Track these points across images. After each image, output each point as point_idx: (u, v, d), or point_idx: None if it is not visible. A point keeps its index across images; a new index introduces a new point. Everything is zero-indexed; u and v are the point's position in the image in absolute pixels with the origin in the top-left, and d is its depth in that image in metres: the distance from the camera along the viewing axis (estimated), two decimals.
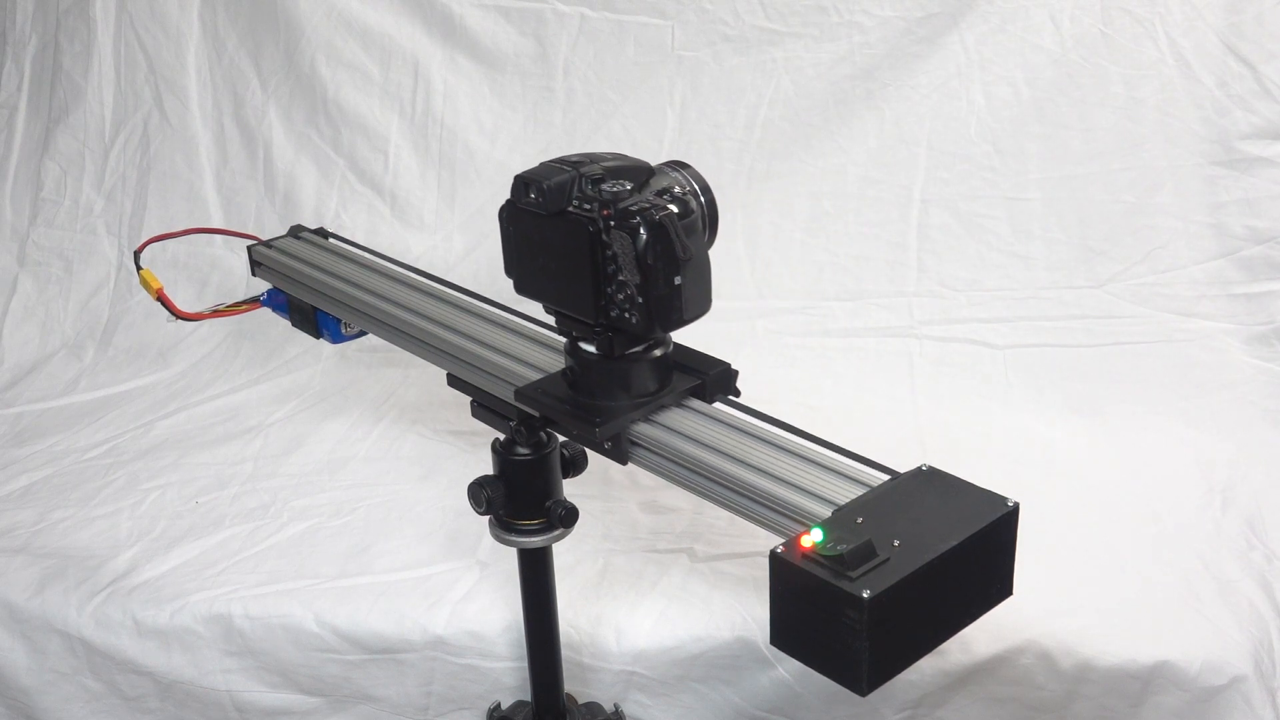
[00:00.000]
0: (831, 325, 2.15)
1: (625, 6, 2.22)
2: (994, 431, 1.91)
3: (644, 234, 0.90)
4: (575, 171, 0.96)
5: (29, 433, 2.08)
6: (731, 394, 1.04)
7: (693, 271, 0.93)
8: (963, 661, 1.44)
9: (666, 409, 1.00)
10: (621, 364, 0.99)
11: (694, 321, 0.97)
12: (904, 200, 2.15)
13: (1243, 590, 1.52)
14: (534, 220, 0.97)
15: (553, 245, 0.97)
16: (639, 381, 0.99)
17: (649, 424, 0.99)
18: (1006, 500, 0.82)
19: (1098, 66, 2.03)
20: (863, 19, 2.12)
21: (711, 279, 0.97)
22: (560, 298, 1.00)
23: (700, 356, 1.05)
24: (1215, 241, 2.02)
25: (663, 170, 1.00)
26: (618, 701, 1.49)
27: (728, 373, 1.04)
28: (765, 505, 0.90)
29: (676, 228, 0.91)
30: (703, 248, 0.96)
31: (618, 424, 0.98)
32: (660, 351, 1.00)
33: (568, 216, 0.95)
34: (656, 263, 0.91)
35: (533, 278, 1.01)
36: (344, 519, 1.75)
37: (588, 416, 0.98)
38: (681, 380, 1.02)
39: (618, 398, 0.99)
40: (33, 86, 2.51)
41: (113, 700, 1.62)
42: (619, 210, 0.91)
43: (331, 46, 2.34)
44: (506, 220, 1.00)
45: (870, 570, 0.74)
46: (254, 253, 1.38)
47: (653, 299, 0.92)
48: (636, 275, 0.91)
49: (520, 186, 0.97)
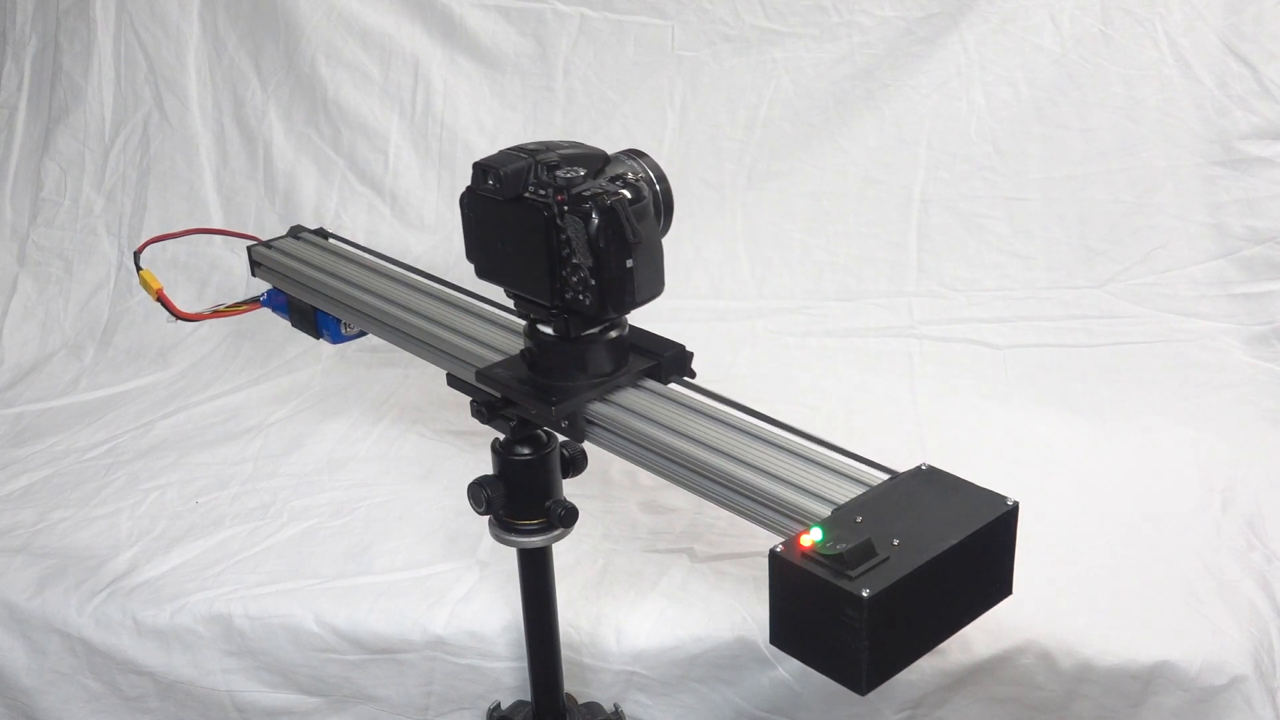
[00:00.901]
0: (831, 325, 2.15)
1: (625, 6, 2.22)
2: (994, 431, 1.91)
3: (596, 218, 0.93)
4: (532, 159, 0.99)
5: (29, 433, 2.08)
6: (687, 375, 1.07)
7: (644, 255, 0.96)
8: (963, 661, 1.44)
9: (622, 389, 1.03)
10: (578, 345, 1.02)
11: (646, 304, 0.99)
12: (904, 200, 2.15)
13: (1243, 590, 1.52)
14: (492, 206, 1.00)
15: (510, 230, 1.00)
16: (595, 362, 1.02)
17: (605, 403, 1.02)
18: (1006, 499, 0.82)
19: (1098, 66, 2.03)
20: (863, 19, 2.12)
21: (663, 263, 1.00)
22: (518, 281, 1.03)
23: (655, 338, 1.07)
24: (1215, 241, 2.02)
25: (619, 158, 1.03)
26: (618, 701, 1.49)
27: (683, 354, 1.06)
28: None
29: (627, 212, 0.94)
30: (655, 233, 0.99)
31: (574, 403, 1.01)
32: (616, 333, 1.03)
33: (524, 202, 0.98)
34: (608, 246, 0.94)
35: (492, 262, 1.04)
36: (344, 519, 1.75)
37: (545, 396, 1.01)
38: (638, 361, 1.05)
39: (575, 378, 1.02)
40: (33, 86, 2.51)
41: (113, 700, 1.62)
42: (572, 195, 0.94)
43: (331, 46, 2.34)
44: (467, 206, 1.04)
45: (870, 569, 0.74)
46: (254, 253, 1.38)
47: (605, 281, 0.95)
48: (589, 258, 0.95)
49: (479, 173, 1.00)
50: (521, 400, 1.04)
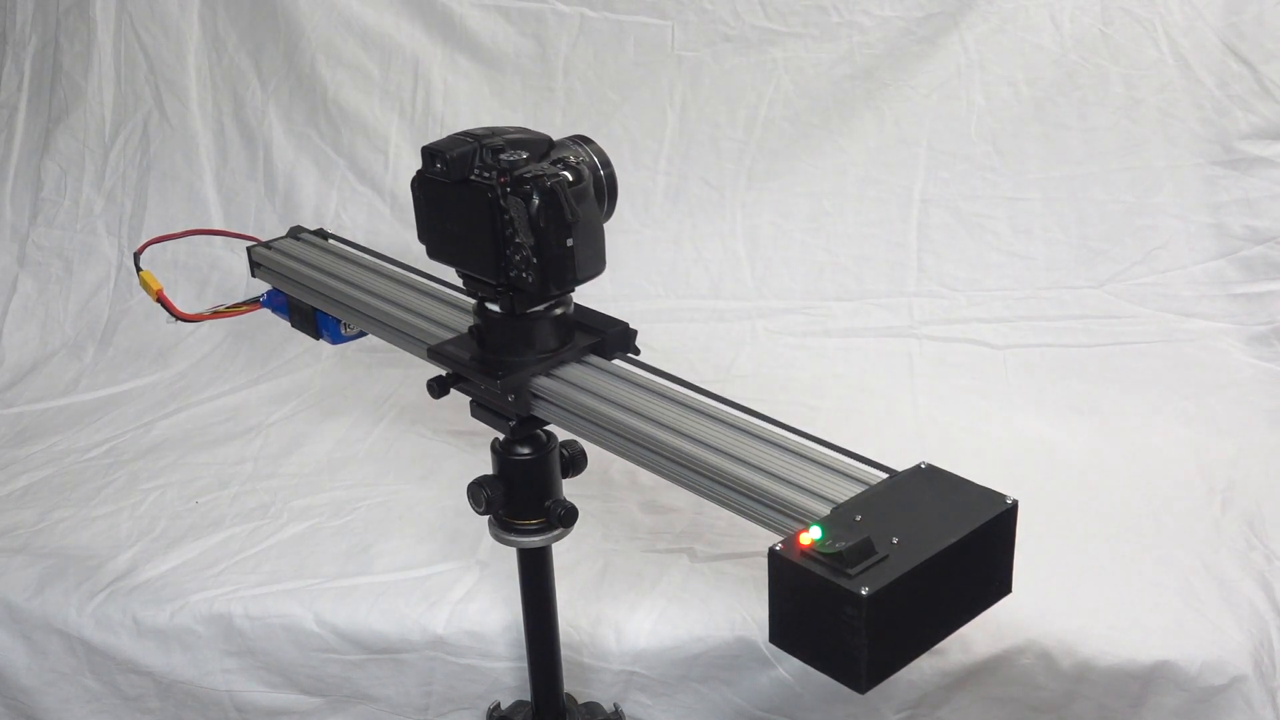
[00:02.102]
0: (831, 325, 2.15)
1: (625, 6, 2.22)
2: (994, 431, 1.91)
3: (536, 199, 0.98)
4: (477, 143, 1.03)
5: (29, 433, 2.08)
6: (631, 352, 1.11)
7: (584, 234, 1.01)
8: (963, 661, 1.44)
9: (567, 364, 1.07)
10: (523, 322, 1.06)
11: (587, 281, 1.04)
12: (904, 200, 2.15)
13: (1243, 590, 1.52)
14: (440, 188, 1.05)
15: (457, 211, 1.04)
16: (541, 338, 1.07)
17: (550, 378, 1.06)
18: (1005, 498, 0.82)
19: (1098, 66, 2.03)
20: (863, 19, 2.12)
21: (604, 243, 1.04)
22: (466, 260, 1.07)
23: (600, 316, 1.11)
24: (1215, 241, 2.02)
25: (564, 144, 1.07)
26: (618, 701, 1.49)
27: (626, 332, 1.11)
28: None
29: (566, 193, 0.98)
30: (595, 214, 1.03)
31: (520, 378, 1.05)
32: (561, 310, 1.07)
33: (470, 184, 1.02)
34: (548, 225, 0.98)
35: (442, 243, 1.08)
36: (344, 519, 1.75)
37: (492, 371, 1.05)
38: (583, 338, 1.09)
39: (521, 353, 1.07)
40: (33, 86, 2.52)
41: (113, 700, 1.62)
42: (515, 177, 0.99)
43: (331, 46, 2.34)
44: (417, 189, 1.08)
45: (869, 567, 0.74)
46: (253, 254, 1.38)
47: (546, 259, 1.00)
48: (531, 237, 0.99)
49: (428, 157, 1.04)
50: (470, 375, 1.08)
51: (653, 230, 2.27)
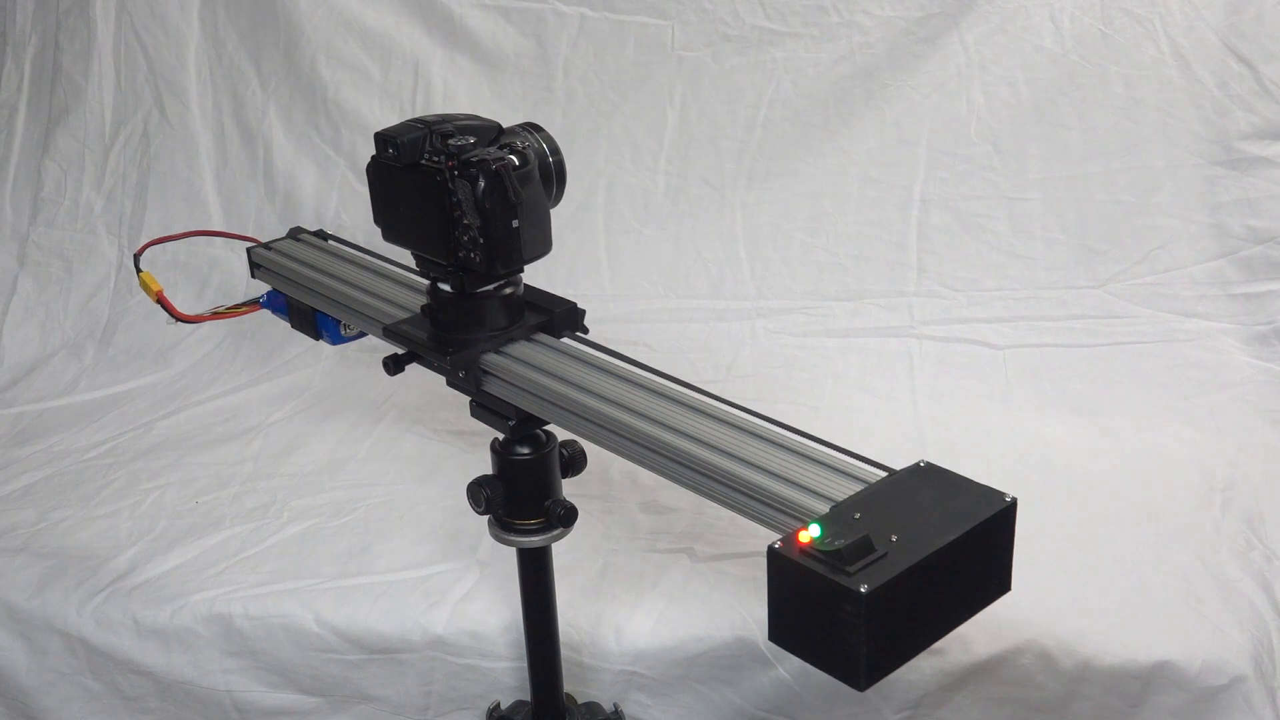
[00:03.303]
0: (831, 325, 2.15)
1: (625, 6, 2.22)
2: (994, 431, 1.91)
3: (482, 181, 1.01)
4: (428, 129, 1.06)
5: (29, 433, 2.08)
6: (580, 330, 1.14)
7: (530, 216, 1.05)
8: (963, 661, 1.44)
9: (516, 341, 1.11)
10: (473, 301, 1.09)
11: (533, 261, 1.07)
12: (904, 200, 2.15)
13: (1243, 590, 1.52)
14: (393, 173, 1.09)
15: (409, 194, 1.08)
16: (491, 317, 1.10)
17: (499, 355, 1.09)
18: (1004, 495, 0.81)
19: (1098, 66, 2.03)
20: (863, 19, 2.12)
21: (551, 226, 1.08)
22: (418, 242, 1.11)
23: (549, 296, 1.15)
24: (1215, 241, 2.02)
25: (514, 130, 1.10)
26: (617, 701, 1.49)
27: (574, 311, 1.14)
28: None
29: (510, 176, 1.02)
30: (540, 196, 1.07)
31: (469, 354, 1.09)
32: (510, 290, 1.10)
33: (420, 168, 1.06)
34: (494, 207, 1.02)
35: (396, 225, 1.12)
36: (344, 519, 1.75)
37: (443, 348, 1.09)
38: (532, 317, 1.13)
39: (472, 332, 1.10)
40: (33, 86, 2.52)
41: (113, 700, 1.62)
42: (462, 161, 1.02)
43: (331, 46, 2.34)
44: (372, 174, 1.12)
45: (868, 565, 0.74)
46: (253, 255, 1.38)
47: (492, 240, 1.03)
48: (478, 218, 1.03)
49: (381, 143, 1.08)
50: (423, 352, 1.12)
51: (653, 230, 2.27)
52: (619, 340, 1.08)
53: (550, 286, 1.12)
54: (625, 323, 2.21)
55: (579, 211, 2.28)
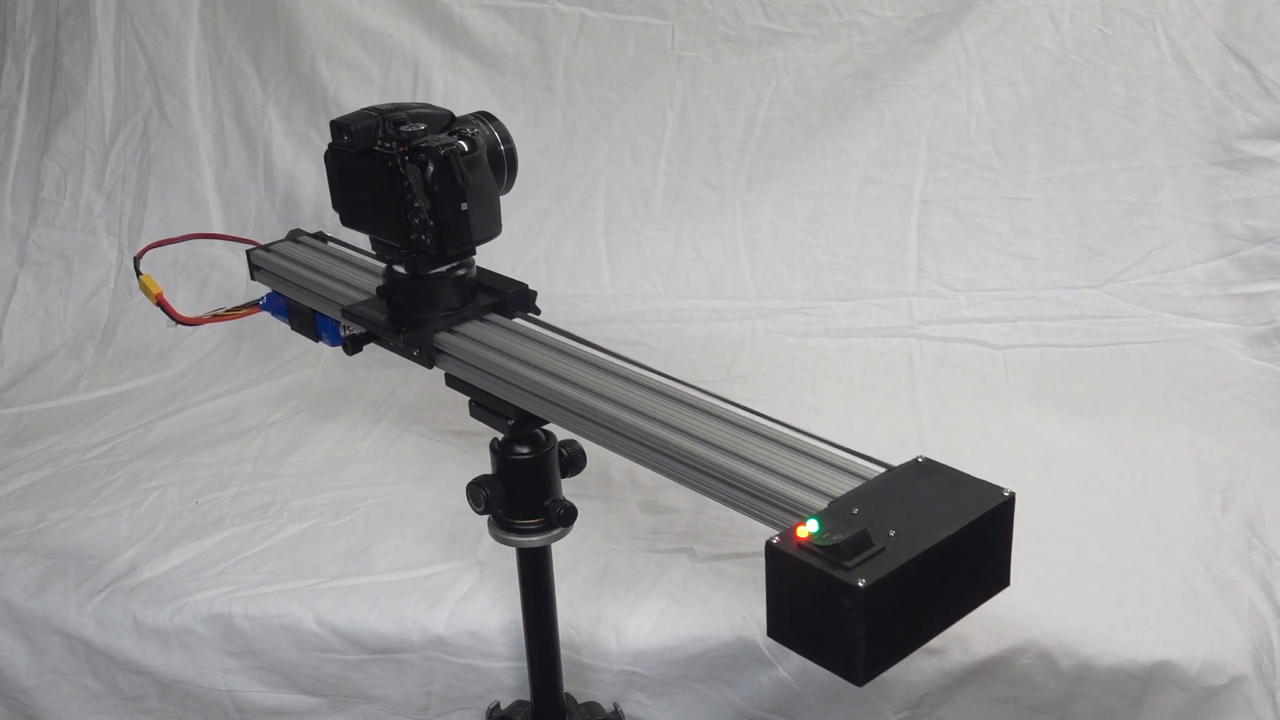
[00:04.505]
0: (831, 325, 2.15)
1: (625, 6, 2.22)
2: (994, 431, 1.91)
3: (431, 166, 1.05)
4: (381, 117, 1.10)
5: (29, 433, 2.08)
6: (532, 311, 1.17)
7: (478, 200, 1.08)
8: (963, 661, 1.43)
9: (468, 321, 1.14)
10: (427, 282, 1.13)
11: (483, 244, 1.11)
12: (904, 200, 2.15)
13: (1243, 590, 1.52)
14: (348, 159, 1.12)
15: (364, 180, 1.12)
16: (444, 297, 1.14)
17: (452, 334, 1.13)
18: (1002, 490, 0.81)
19: (1098, 66, 2.03)
20: (863, 19, 2.12)
21: (500, 209, 1.12)
22: (373, 225, 1.14)
23: (501, 279, 1.18)
24: (1215, 241, 2.02)
25: (466, 119, 1.14)
26: (617, 701, 1.49)
27: (525, 292, 1.17)
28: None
29: (458, 161, 1.05)
30: (489, 181, 1.10)
31: (423, 333, 1.12)
32: (463, 272, 1.14)
33: (374, 154, 1.10)
34: (442, 191, 1.06)
35: (352, 210, 1.16)
36: (344, 519, 1.75)
37: (397, 327, 1.13)
38: (485, 298, 1.16)
39: (426, 312, 1.14)
40: (33, 86, 2.52)
41: (113, 700, 1.62)
42: (412, 147, 1.06)
43: (331, 46, 2.34)
44: (329, 161, 1.15)
45: (866, 560, 0.74)
46: (253, 257, 1.38)
47: (442, 223, 1.07)
48: (428, 202, 1.06)
49: (336, 131, 1.12)
50: (379, 332, 1.16)
51: (653, 230, 2.27)
52: (619, 340, 1.09)
53: (551, 286, 1.13)
54: (625, 323, 2.21)
55: (579, 211, 2.28)
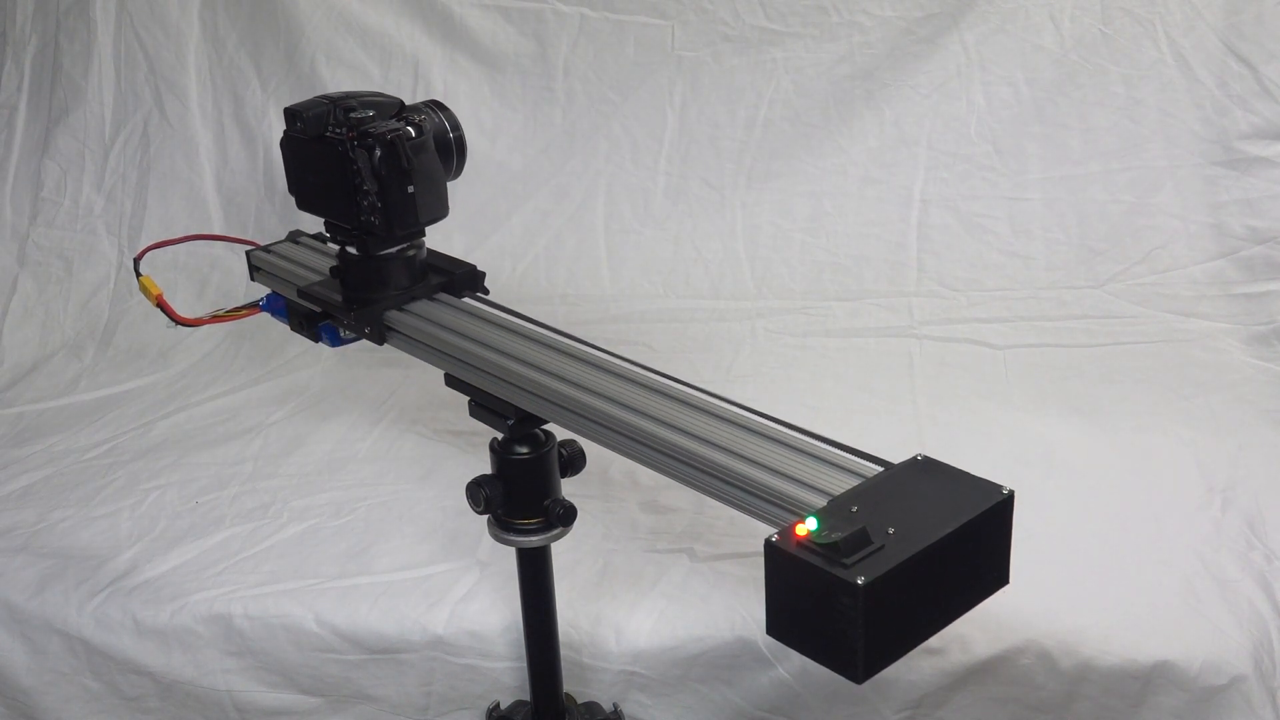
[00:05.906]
0: (831, 325, 2.15)
1: (625, 6, 2.22)
2: (994, 431, 1.91)
3: (378, 150, 1.10)
4: (332, 104, 1.15)
5: (29, 433, 2.08)
6: (481, 291, 1.21)
7: (424, 183, 1.13)
8: (963, 661, 1.43)
9: (418, 300, 1.18)
10: (377, 262, 1.17)
11: (430, 225, 1.16)
12: (904, 200, 2.15)
13: (1243, 590, 1.52)
14: (301, 145, 1.17)
15: (316, 164, 1.16)
16: (394, 277, 1.18)
17: (402, 312, 1.17)
18: (1001, 488, 0.81)
19: (1098, 66, 2.04)
20: (863, 19, 2.12)
21: (446, 192, 1.16)
22: (326, 208, 1.19)
23: (451, 260, 1.23)
24: (1215, 241, 2.02)
25: (416, 107, 1.19)
26: (617, 701, 1.49)
27: (474, 273, 1.22)
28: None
29: (404, 146, 1.10)
30: (435, 165, 1.15)
31: (373, 311, 1.17)
32: (413, 253, 1.19)
33: (325, 140, 1.14)
34: (389, 174, 1.10)
35: (306, 194, 1.20)
36: (344, 519, 1.75)
37: (349, 306, 1.17)
38: (435, 278, 1.21)
39: (377, 291, 1.18)
40: (33, 86, 2.52)
41: (113, 700, 1.62)
42: (360, 132, 1.11)
43: (331, 46, 2.34)
44: (284, 148, 1.20)
45: (865, 557, 0.74)
46: (253, 258, 1.38)
47: (389, 205, 1.12)
48: (375, 185, 1.11)
49: (290, 118, 1.16)
50: (332, 311, 1.19)
51: (653, 230, 2.27)
52: (619, 340, 1.09)
53: (550, 286, 1.13)
54: (625, 323, 2.21)
55: (579, 211, 2.28)
